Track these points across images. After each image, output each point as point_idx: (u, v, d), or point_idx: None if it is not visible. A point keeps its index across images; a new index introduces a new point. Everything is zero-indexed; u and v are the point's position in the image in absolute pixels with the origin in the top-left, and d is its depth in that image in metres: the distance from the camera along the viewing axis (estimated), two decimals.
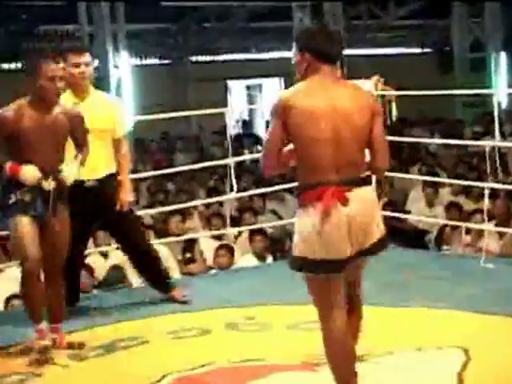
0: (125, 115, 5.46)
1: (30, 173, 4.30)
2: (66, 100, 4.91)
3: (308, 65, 3.38)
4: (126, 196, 5.21)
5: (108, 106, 5.22)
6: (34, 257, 4.32)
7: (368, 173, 3.37)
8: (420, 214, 8.88)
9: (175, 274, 7.15)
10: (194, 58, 18.88)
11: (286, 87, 13.74)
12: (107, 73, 14.49)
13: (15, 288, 6.51)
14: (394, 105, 6.53)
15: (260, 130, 18.76)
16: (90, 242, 8.04)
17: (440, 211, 8.82)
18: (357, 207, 3.25)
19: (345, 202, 3.22)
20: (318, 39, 3.38)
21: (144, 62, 17.91)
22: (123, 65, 14.69)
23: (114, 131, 5.19)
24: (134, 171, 10.30)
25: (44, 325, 4.45)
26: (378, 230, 3.37)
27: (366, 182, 3.34)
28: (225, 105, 19.05)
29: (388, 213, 7.56)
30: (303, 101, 3.25)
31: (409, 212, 9.01)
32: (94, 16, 14.43)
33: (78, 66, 5.09)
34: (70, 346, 4.47)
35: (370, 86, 6.52)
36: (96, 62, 15.23)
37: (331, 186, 3.21)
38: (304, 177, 3.30)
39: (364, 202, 3.29)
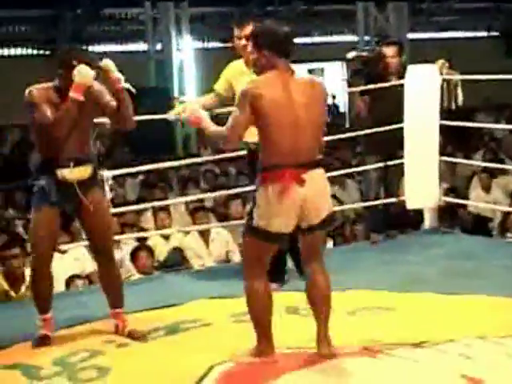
0: None
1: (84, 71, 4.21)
2: (239, 67, 5.24)
3: (266, 61, 3.77)
4: None
5: None
6: (41, 253, 4.38)
7: (321, 156, 3.80)
8: (478, 200, 8.76)
9: (236, 257, 7.18)
10: None
11: (348, 71, 13.63)
12: (170, 56, 14.58)
13: (77, 268, 6.64)
14: (459, 89, 6.43)
15: None
16: (151, 224, 8.16)
17: (498, 196, 8.68)
18: (311, 187, 3.70)
19: (301, 183, 3.67)
20: (276, 37, 3.80)
21: (206, 45, 17.95)
22: (186, 48, 14.76)
23: None
24: (195, 155, 10.40)
25: (49, 314, 4.47)
26: (328, 208, 3.82)
27: (319, 164, 3.77)
28: None
29: (450, 199, 7.48)
30: (268, 92, 3.67)
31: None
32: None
33: (239, 38, 5.26)
34: (131, 335, 4.46)
35: (435, 70, 6.43)
36: (159, 45, 15.37)
37: (290, 168, 3.66)
38: (266, 159, 3.73)
39: (317, 182, 3.74)
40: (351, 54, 6.94)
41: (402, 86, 6.48)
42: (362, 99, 6.87)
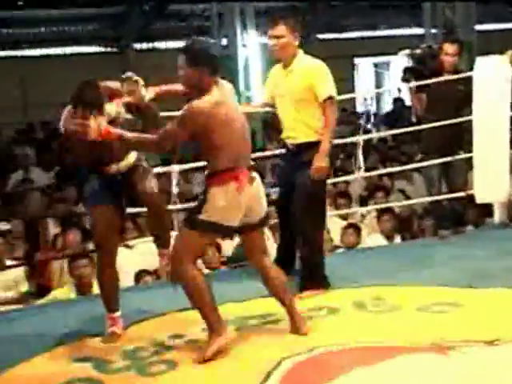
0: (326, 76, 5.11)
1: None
2: (277, 70, 5.25)
3: (204, 78, 4.08)
4: (318, 161, 5.03)
5: (306, 73, 5.08)
6: (105, 250, 4.48)
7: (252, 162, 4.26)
8: None
9: None
10: (321, 36, 18.78)
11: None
12: (235, 51, 14.62)
13: (146, 263, 6.69)
14: None
15: (387, 107, 18.52)
16: None
17: None
18: (255, 187, 4.21)
19: (251, 181, 4.16)
20: (212, 56, 4.24)
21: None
22: (251, 43, 14.77)
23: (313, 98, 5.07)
24: (261, 150, 10.39)
25: (117, 314, 4.54)
26: (265, 207, 4.31)
27: (255, 168, 4.27)
28: (351, 83, 18.96)
29: None
30: (219, 109, 4.04)
31: None
32: None
33: (270, 37, 5.17)
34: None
35: (504, 60, 6.31)
36: (224, 41, 15.43)
37: (242, 170, 4.11)
38: (222, 163, 4.09)
39: (257, 183, 4.24)
40: (404, 52, 6.87)
41: (459, 83, 6.40)
42: (416, 97, 6.79)
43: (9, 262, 6.41)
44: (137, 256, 6.92)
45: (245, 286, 5.38)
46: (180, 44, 17.20)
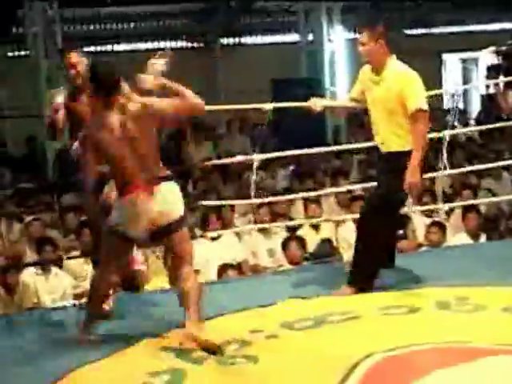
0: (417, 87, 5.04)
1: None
2: (366, 72, 5.19)
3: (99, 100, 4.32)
4: (410, 177, 4.96)
5: (397, 84, 5.02)
6: None
7: (168, 172, 4.37)
8: None
9: None
10: (408, 31, 18.56)
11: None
12: (321, 47, 14.58)
13: (228, 256, 6.73)
14: None
15: (475, 104, 18.20)
16: (301, 215, 8.19)
17: None
18: (158, 198, 4.26)
19: (150, 194, 4.25)
20: (108, 77, 4.30)
21: (357, 35, 17.79)
22: (337, 39, 14.71)
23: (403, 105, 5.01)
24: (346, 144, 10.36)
25: None
26: (175, 214, 4.32)
27: (164, 178, 4.33)
28: (438, 79, 18.69)
29: None
30: (105, 132, 4.24)
31: None
32: None
33: (359, 44, 5.20)
34: None
35: None
36: (311, 36, 15.40)
37: (140, 183, 4.24)
38: (121, 178, 4.30)
39: (162, 193, 4.28)
40: (489, 50, 6.73)
41: None
42: (503, 94, 6.63)
43: None
44: (220, 248, 6.99)
45: (326, 281, 5.37)
46: (266, 39, 17.27)
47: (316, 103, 5.48)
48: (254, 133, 12.44)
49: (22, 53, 14.90)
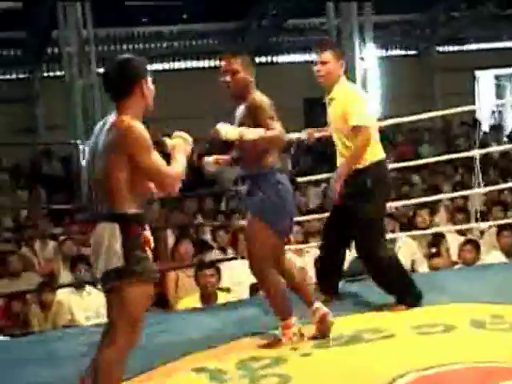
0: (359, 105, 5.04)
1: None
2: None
3: None
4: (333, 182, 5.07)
5: (341, 102, 5.05)
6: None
7: (118, 210, 3.43)
8: None
9: (422, 267, 7.07)
10: (440, 48, 18.53)
11: None
12: (353, 64, 14.59)
13: None
14: None
15: (509, 120, 18.09)
16: None
17: None
18: (93, 239, 3.50)
19: (89, 231, 3.50)
20: None
21: (389, 53, 17.81)
22: (369, 56, 14.70)
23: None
24: None
25: (291, 320, 4.59)
26: (107, 264, 3.44)
27: (105, 217, 3.45)
28: (472, 95, 18.60)
29: None
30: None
31: None
32: (342, 9, 14.55)
33: (315, 64, 5.17)
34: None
35: None
36: None
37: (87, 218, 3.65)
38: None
39: (95, 235, 3.47)
40: None
41: None
42: None
43: None
44: None
45: (360, 299, 5.35)
46: (298, 58, 17.32)
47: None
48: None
49: (58, 73, 15.11)
